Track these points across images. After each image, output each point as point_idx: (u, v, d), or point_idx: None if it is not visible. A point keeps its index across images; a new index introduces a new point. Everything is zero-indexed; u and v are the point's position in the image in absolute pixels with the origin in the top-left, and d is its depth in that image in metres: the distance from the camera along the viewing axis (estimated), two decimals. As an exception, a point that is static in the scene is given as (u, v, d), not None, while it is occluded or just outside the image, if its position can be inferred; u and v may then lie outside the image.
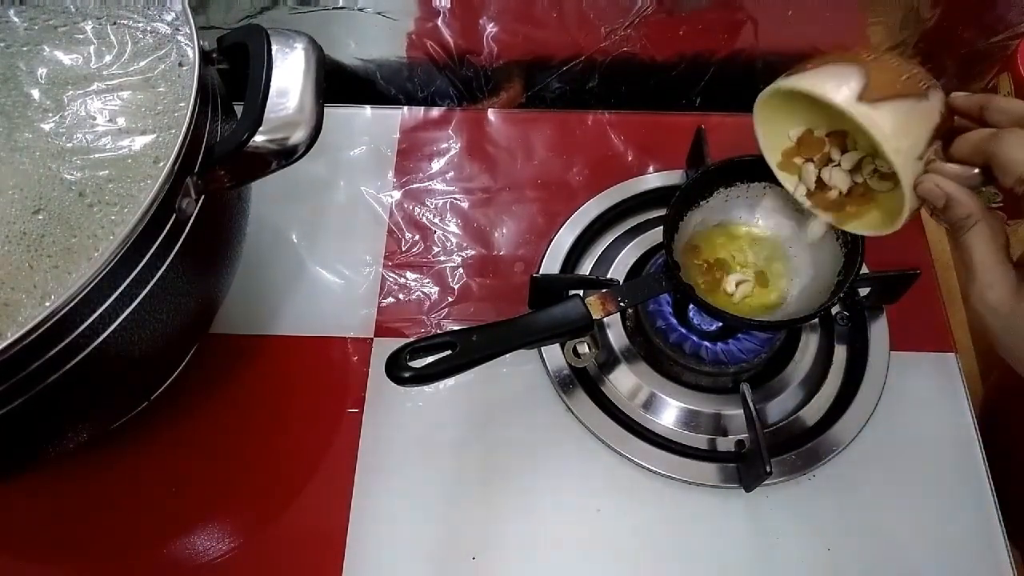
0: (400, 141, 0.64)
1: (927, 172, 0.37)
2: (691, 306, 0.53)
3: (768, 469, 0.45)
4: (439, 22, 0.63)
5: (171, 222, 0.37)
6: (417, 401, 0.53)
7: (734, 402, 0.51)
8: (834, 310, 0.55)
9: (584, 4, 0.61)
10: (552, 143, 0.64)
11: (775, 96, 0.42)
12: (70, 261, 0.35)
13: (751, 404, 0.48)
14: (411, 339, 0.44)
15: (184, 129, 0.37)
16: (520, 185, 0.62)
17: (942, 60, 0.65)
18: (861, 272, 0.47)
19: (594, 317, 0.46)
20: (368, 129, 0.65)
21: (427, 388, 0.53)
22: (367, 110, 0.66)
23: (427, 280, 0.58)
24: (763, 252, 0.51)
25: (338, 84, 0.68)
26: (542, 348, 0.53)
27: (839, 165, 0.44)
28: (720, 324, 0.53)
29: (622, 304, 0.47)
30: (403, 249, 0.59)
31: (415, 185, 0.62)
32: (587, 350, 0.50)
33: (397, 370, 0.42)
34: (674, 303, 0.53)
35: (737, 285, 0.50)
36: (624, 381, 0.53)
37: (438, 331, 0.56)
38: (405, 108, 0.66)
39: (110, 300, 0.35)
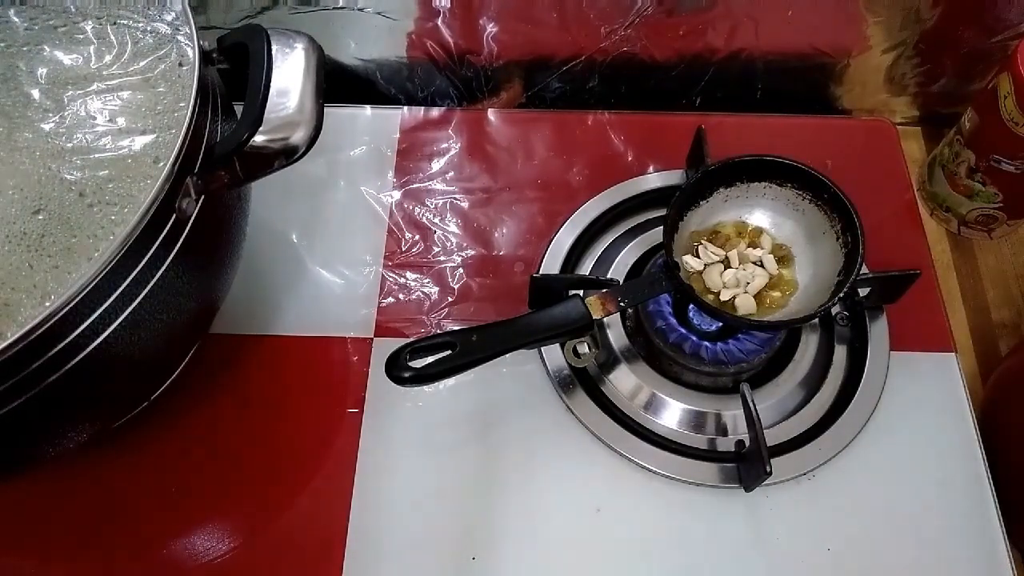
0: (400, 141, 0.64)
1: None
2: (691, 306, 0.53)
3: (768, 469, 0.45)
4: (439, 22, 0.63)
5: (171, 222, 0.37)
6: (417, 401, 0.53)
7: (734, 402, 0.51)
8: (834, 310, 0.55)
9: (584, 4, 0.61)
10: (552, 143, 0.64)
11: None
12: (70, 261, 0.35)
13: (751, 404, 0.48)
14: (411, 339, 0.44)
15: (184, 129, 0.37)
16: (520, 185, 0.62)
17: (942, 60, 0.65)
18: (861, 272, 0.47)
19: (594, 317, 0.46)
20: (368, 129, 0.65)
21: (427, 388, 0.53)
22: (367, 110, 0.66)
23: (427, 280, 0.58)
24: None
25: (338, 84, 0.68)
26: (542, 348, 0.53)
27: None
28: (720, 324, 0.53)
29: (622, 304, 0.47)
30: (403, 249, 0.59)
31: (415, 185, 0.62)
32: (587, 350, 0.50)
33: (397, 370, 0.42)
34: (674, 303, 0.53)
35: (743, 282, 0.50)
36: (624, 381, 0.53)
37: (438, 331, 0.55)
38: (405, 108, 0.66)
39: (110, 300, 0.35)
